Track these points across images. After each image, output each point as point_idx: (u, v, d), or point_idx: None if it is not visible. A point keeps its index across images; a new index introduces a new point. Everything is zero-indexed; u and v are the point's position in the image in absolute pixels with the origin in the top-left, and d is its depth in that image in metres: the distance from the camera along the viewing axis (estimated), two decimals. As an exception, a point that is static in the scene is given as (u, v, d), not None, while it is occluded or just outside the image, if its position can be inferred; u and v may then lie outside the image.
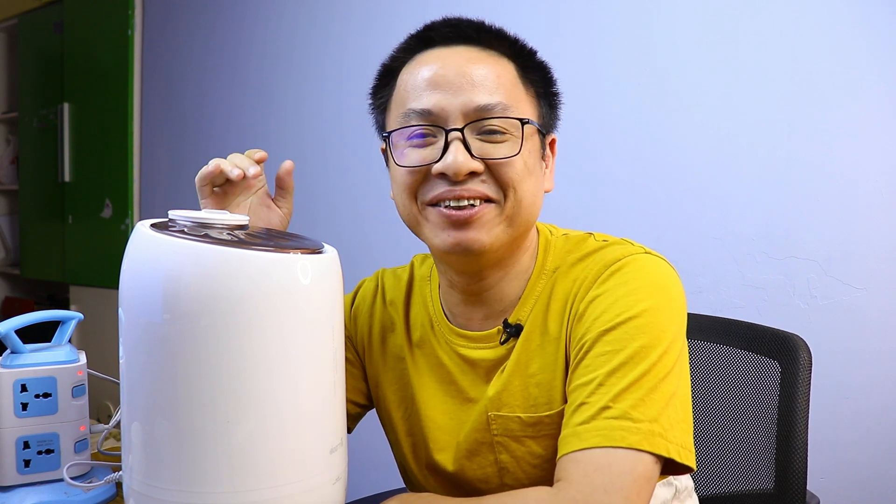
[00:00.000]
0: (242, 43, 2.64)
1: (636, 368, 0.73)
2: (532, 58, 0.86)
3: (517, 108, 0.81)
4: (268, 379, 0.63)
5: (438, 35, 0.83)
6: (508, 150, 0.79)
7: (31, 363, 0.86)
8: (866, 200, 1.41)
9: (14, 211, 3.85)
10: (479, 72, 0.80)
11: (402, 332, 0.94)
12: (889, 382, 1.39)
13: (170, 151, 2.96)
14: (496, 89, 0.80)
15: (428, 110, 0.79)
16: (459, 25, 0.83)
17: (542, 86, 0.86)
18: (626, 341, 0.75)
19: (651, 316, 0.76)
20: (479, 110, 0.79)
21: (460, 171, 0.77)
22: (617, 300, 0.77)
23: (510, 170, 0.79)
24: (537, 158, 0.84)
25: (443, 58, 0.81)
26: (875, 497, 1.40)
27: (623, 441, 0.69)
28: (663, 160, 1.65)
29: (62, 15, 3.28)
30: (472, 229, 0.79)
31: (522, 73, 0.84)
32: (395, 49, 0.87)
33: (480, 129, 0.79)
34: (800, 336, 1.01)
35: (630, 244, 0.85)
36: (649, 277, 0.80)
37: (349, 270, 0.81)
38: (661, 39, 1.66)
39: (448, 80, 0.79)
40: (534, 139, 0.83)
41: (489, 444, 0.86)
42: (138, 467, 0.65)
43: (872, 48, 1.41)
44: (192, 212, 0.69)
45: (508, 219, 0.81)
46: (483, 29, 0.84)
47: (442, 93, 0.79)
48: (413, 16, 2.14)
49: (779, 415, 0.98)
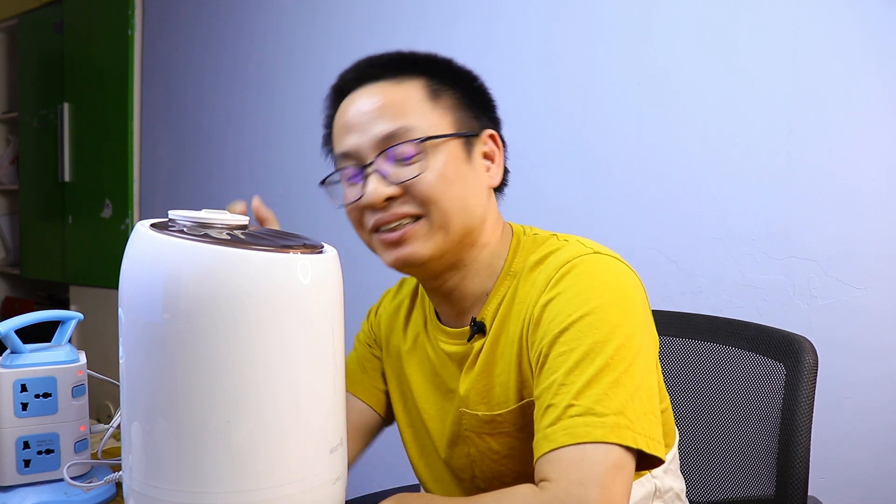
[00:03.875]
0: (242, 43, 2.64)
1: (593, 364, 0.75)
2: (447, 67, 0.91)
3: (420, 127, 0.85)
4: (268, 379, 0.63)
5: (346, 83, 0.92)
6: (421, 168, 0.85)
7: (31, 363, 0.86)
8: (866, 200, 1.41)
9: (14, 211, 3.85)
10: (379, 105, 0.87)
11: (401, 330, 1.01)
12: (890, 382, 1.39)
13: (170, 151, 2.96)
14: (396, 115, 0.86)
15: (346, 152, 0.88)
16: (360, 68, 0.91)
17: (462, 89, 0.91)
18: (579, 339, 0.77)
19: (602, 313, 0.78)
20: (385, 139, 0.85)
21: (376, 202, 0.85)
22: (568, 302, 0.80)
23: (423, 186, 0.84)
24: (458, 165, 0.87)
25: (353, 102, 0.89)
26: (876, 497, 1.40)
27: (589, 436, 0.71)
28: (663, 160, 1.65)
29: (62, 15, 3.28)
30: (406, 246, 0.86)
31: (434, 88, 0.88)
32: (325, 105, 0.96)
33: (394, 157, 0.85)
34: (807, 338, 1.00)
35: (581, 244, 0.87)
36: (599, 277, 0.82)
37: (349, 270, 0.81)
38: (661, 40, 1.66)
39: (357, 121, 0.87)
40: (447, 148, 0.86)
41: (463, 438, 0.92)
42: (138, 467, 0.65)
43: (872, 48, 1.41)
44: (191, 212, 0.69)
45: (441, 228, 0.86)
46: (385, 63, 0.90)
47: (353, 134, 0.87)
48: (413, 16, 2.15)
49: (781, 419, 0.97)
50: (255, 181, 2.60)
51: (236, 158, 2.68)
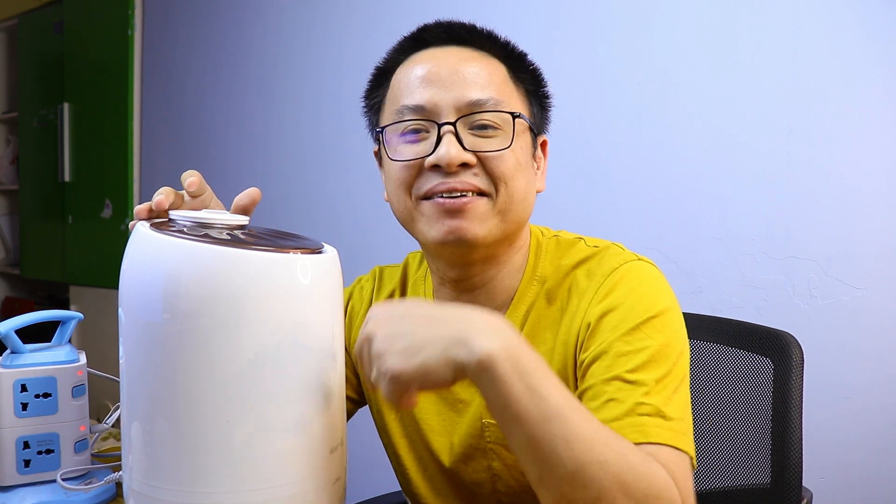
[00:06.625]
0: (242, 43, 2.64)
1: (660, 367, 0.73)
2: (523, 60, 0.88)
3: (508, 103, 0.82)
4: (268, 379, 0.63)
5: (431, 36, 0.86)
6: (499, 143, 0.81)
7: (31, 363, 0.86)
8: (866, 200, 1.41)
9: (14, 211, 3.85)
10: (471, 69, 0.82)
11: None
12: (889, 382, 1.39)
13: (170, 151, 2.96)
14: (487, 85, 0.81)
15: (421, 106, 0.81)
16: (452, 27, 0.86)
17: (532, 86, 0.88)
18: (648, 339, 0.75)
19: (666, 318, 0.77)
20: (471, 105, 0.80)
21: (452, 162, 0.79)
22: (632, 306, 0.77)
23: (501, 163, 0.80)
24: (528, 156, 0.85)
25: (436, 57, 0.84)
26: (875, 496, 1.40)
27: (660, 437, 0.69)
28: (663, 160, 1.65)
29: (62, 15, 3.28)
30: (465, 219, 0.80)
31: (513, 74, 0.86)
32: (389, 51, 0.89)
33: (472, 124, 0.81)
34: (791, 333, 1.02)
35: (621, 249, 0.85)
36: (655, 282, 0.81)
37: (349, 270, 0.81)
38: (661, 39, 1.66)
39: (440, 77, 0.81)
40: (525, 136, 0.84)
41: (483, 451, 0.86)
42: (138, 467, 0.65)
43: (872, 48, 1.41)
44: (192, 212, 0.69)
45: (501, 213, 0.81)
46: (475, 31, 0.86)
47: (434, 89, 0.81)
48: (413, 15, 2.14)
49: (773, 411, 1.00)
50: (255, 181, 2.60)
51: (236, 158, 2.68)
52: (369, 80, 0.91)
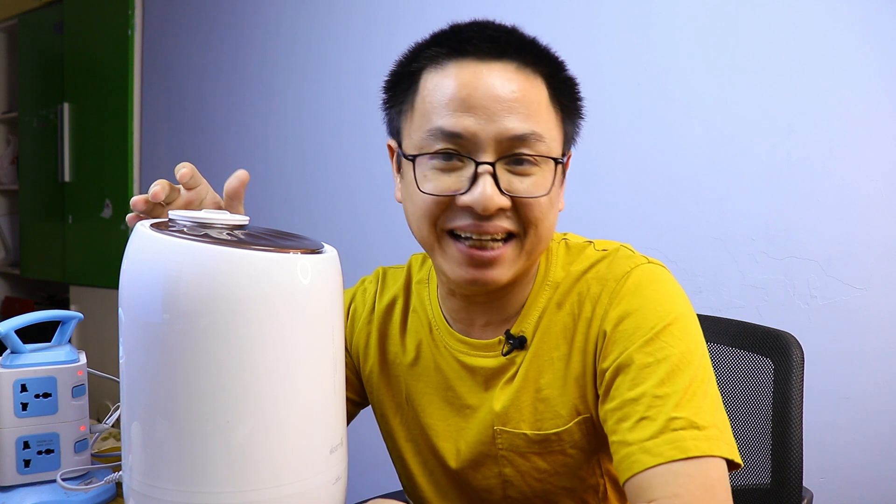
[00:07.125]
0: (242, 43, 2.65)
1: (684, 375, 0.72)
2: (562, 71, 0.82)
3: (548, 135, 0.77)
4: (268, 379, 0.62)
5: (473, 48, 0.77)
6: (535, 185, 0.77)
7: (31, 363, 0.86)
8: (866, 200, 1.41)
9: (14, 211, 3.85)
10: (514, 96, 0.75)
11: (398, 335, 0.93)
12: (889, 382, 1.39)
13: (170, 151, 2.96)
14: (529, 116, 0.75)
15: (458, 133, 0.75)
16: (496, 37, 0.78)
17: (568, 101, 0.82)
18: (668, 349, 0.74)
19: (682, 323, 0.76)
20: (512, 140, 0.75)
21: (489, 208, 0.74)
22: (646, 314, 0.77)
23: (536, 209, 0.77)
24: (558, 188, 0.81)
25: (477, 75, 0.75)
26: (876, 496, 1.40)
27: (698, 450, 0.68)
28: (663, 160, 1.65)
29: (62, 15, 3.28)
30: (493, 269, 0.77)
31: (553, 93, 0.80)
32: (420, 47, 0.81)
33: (517, 163, 0.76)
34: (791, 334, 1.02)
35: (631, 252, 0.84)
36: (667, 286, 0.80)
37: (349, 270, 0.81)
38: (661, 39, 1.66)
39: (482, 103, 0.74)
40: (556, 170, 0.80)
41: (494, 458, 0.85)
42: (138, 467, 0.65)
43: (872, 48, 1.41)
44: (192, 212, 0.69)
45: (528, 253, 0.79)
46: (519, 42, 0.79)
47: (474, 117, 0.74)
48: (412, 15, 2.14)
49: (773, 411, 1.00)
50: (255, 181, 2.59)
51: (236, 158, 2.68)
52: (393, 73, 0.84)
